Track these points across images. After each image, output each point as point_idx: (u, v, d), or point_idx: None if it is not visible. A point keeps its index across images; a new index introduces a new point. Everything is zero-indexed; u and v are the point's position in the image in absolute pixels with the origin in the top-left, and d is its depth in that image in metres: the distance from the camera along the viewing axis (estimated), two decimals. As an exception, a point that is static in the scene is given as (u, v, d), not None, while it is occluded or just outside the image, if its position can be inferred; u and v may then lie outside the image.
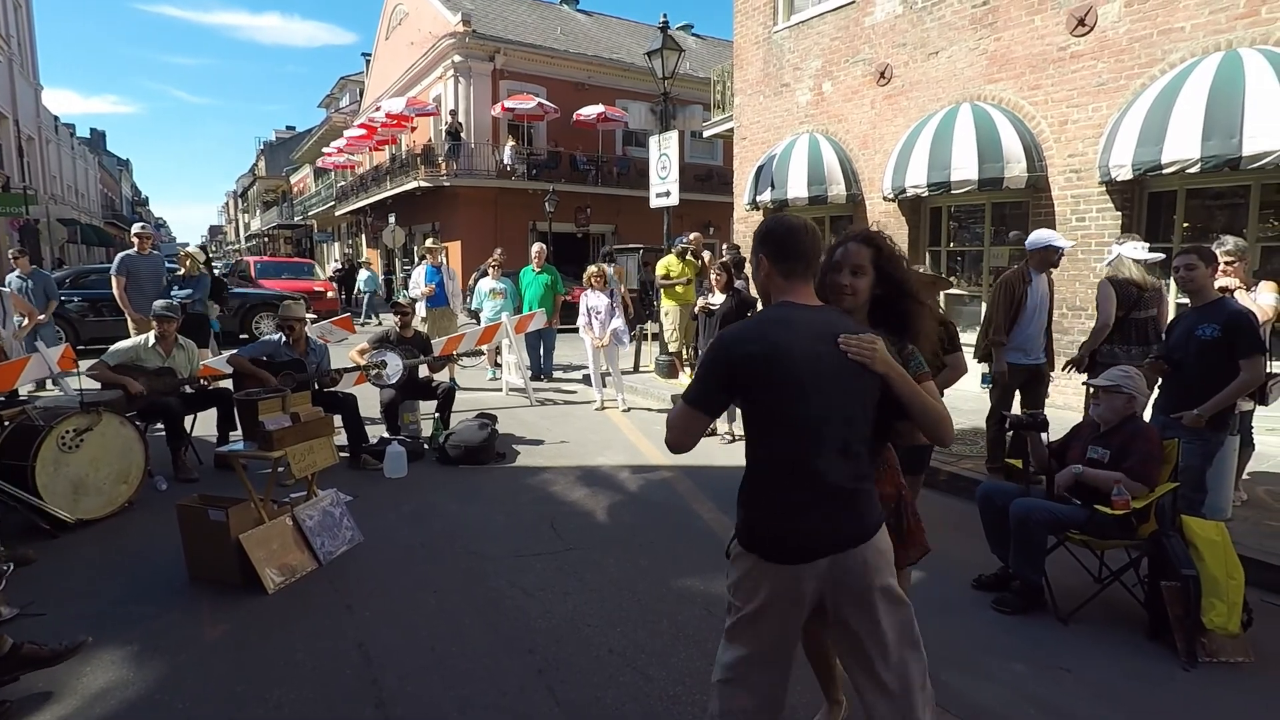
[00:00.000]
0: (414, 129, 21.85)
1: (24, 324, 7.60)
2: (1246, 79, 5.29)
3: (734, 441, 6.18)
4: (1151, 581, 3.14)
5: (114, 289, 7.57)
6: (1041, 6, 6.95)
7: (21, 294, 7.99)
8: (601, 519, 4.55)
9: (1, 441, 4.09)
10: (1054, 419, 3.82)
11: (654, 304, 9.88)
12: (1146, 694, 2.73)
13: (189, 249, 8.85)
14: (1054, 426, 3.64)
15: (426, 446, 5.96)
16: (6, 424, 4.21)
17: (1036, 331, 4.94)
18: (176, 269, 8.01)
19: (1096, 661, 2.92)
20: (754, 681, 1.79)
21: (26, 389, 6.19)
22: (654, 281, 9.32)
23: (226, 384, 5.83)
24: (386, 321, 13.03)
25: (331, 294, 17.75)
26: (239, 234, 63.54)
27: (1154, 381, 3.90)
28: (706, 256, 8.90)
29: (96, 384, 5.10)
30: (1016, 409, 5.01)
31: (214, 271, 9.85)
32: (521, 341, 8.41)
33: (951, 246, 8.45)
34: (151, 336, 5.39)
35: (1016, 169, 6.91)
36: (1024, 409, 4.96)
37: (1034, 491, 3.52)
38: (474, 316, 9.43)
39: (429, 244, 9.55)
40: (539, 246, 9.30)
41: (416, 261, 13.53)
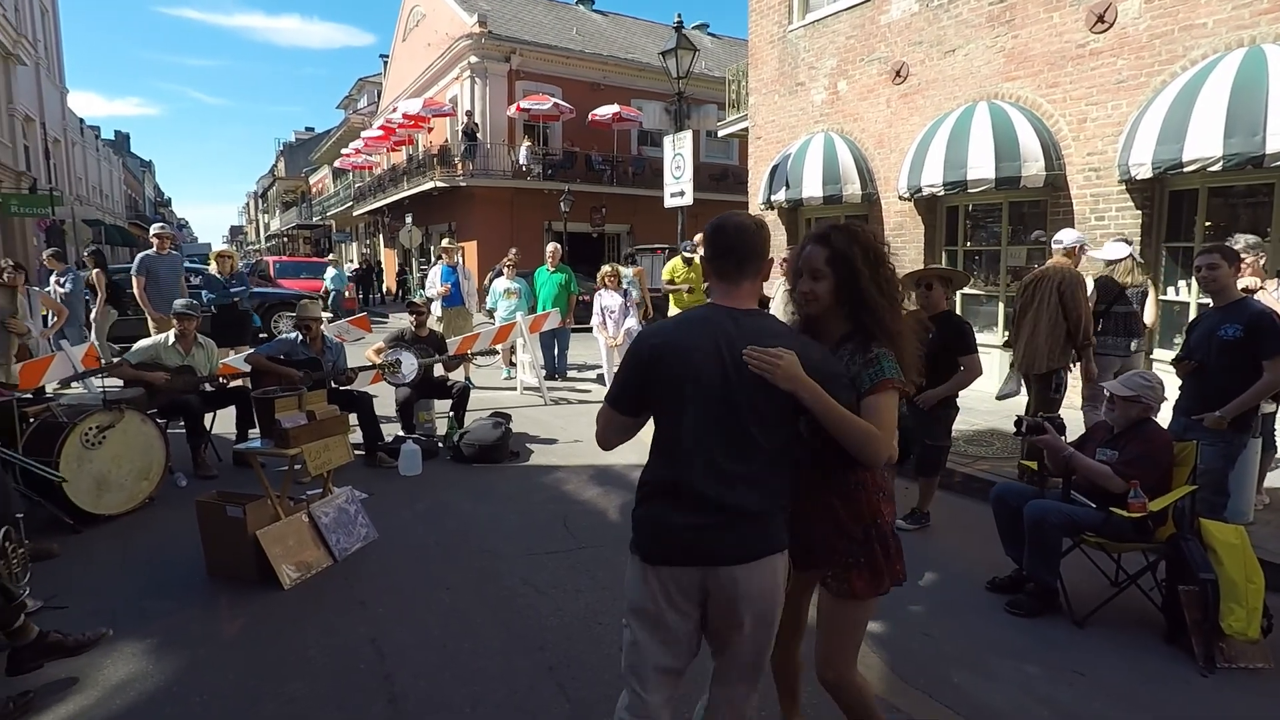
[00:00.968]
0: (431, 130, 22.00)
1: (53, 322, 7.76)
2: (1270, 75, 5.20)
3: None
4: (1169, 585, 3.10)
5: (134, 288, 7.70)
6: (1060, 3, 6.87)
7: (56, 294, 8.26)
8: (614, 518, 4.56)
9: (27, 438, 4.18)
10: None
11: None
12: (1163, 699, 2.69)
13: (224, 248, 9.00)
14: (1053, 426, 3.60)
15: (441, 445, 6.00)
16: (32, 420, 4.29)
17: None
18: (205, 268, 8.13)
19: (1112, 665, 2.89)
20: (645, 675, 1.78)
21: (52, 386, 6.31)
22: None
23: (245, 382, 5.91)
24: (393, 325, 13.10)
25: (349, 294, 17.93)
26: (259, 234, 64.30)
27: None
28: None
29: (119, 382, 5.19)
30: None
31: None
32: (536, 341, 8.45)
33: (968, 246, 8.37)
34: (171, 335, 5.47)
35: (1034, 168, 6.84)
36: (1037, 413, 4.92)
37: (1049, 493, 3.49)
38: (489, 316, 9.49)
39: (445, 244, 9.62)
40: (553, 246, 9.34)
41: (433, 261, 13.62)
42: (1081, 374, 4.95)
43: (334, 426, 4.09)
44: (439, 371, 6.45)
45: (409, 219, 21.46)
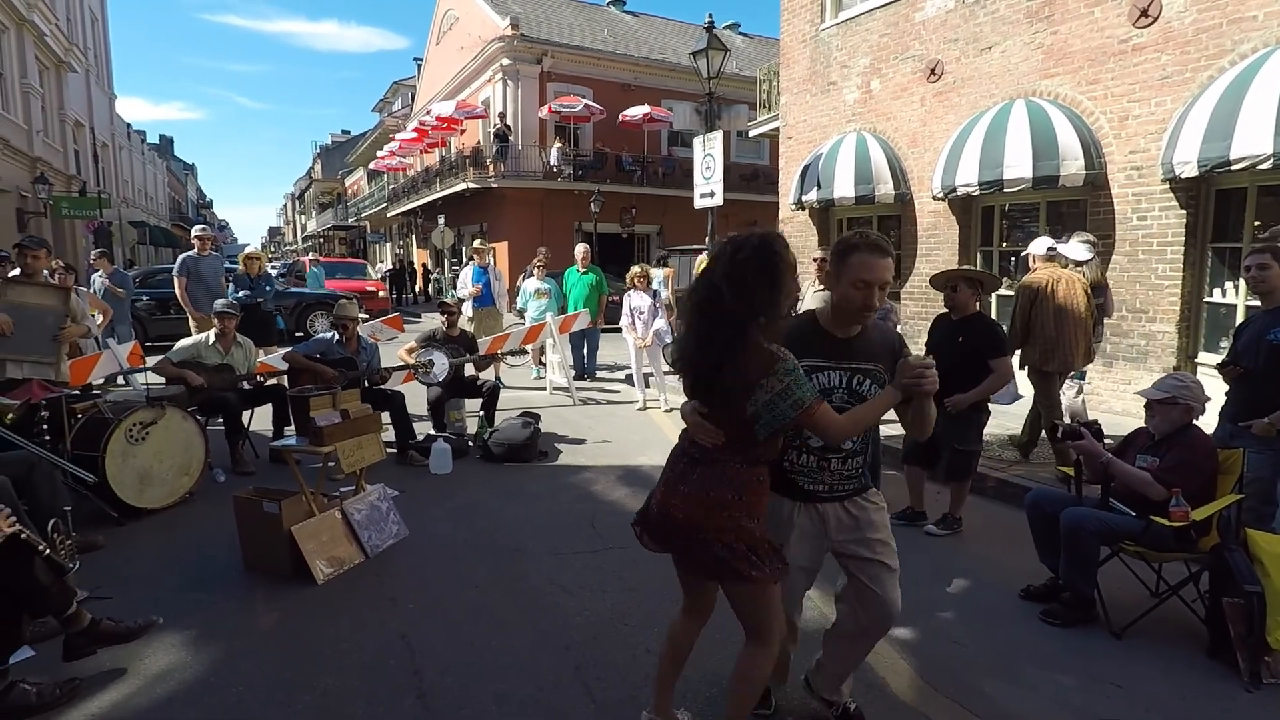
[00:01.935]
0: (463, 131, 22.25)
1: (100, 321, 8.01)
2: (1325, 69, 5.02)
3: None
4: (1212, 597, 3.00)
5: (176, 289, 7.92)
6: (1102, -2, 6.70)
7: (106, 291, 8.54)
8: (641, 519, 4.55)
9: (75, 433, 4.32)
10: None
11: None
12: (1205, 714, 2.61)
13: (251, 250, 9.20)
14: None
15: (471, 444, 6.07)
16: (80, 416, 4.44)
17: None
18: (237, 269, 8.31)
19: (1150, 678, 2.81)
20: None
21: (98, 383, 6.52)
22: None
23: (282, 380, 6.04)
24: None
25: (382, 293, 18.17)
26: (296, 235, 65.63)
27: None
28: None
29: (162, 379, 5.35)
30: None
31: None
32: (566, 341, 8.49)
33: (1004, 247, 8.20)
34: (212, 334, 5.62)
35: (1073, 166, 6.68)
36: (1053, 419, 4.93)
37: (1087, 500, 3.40)
38: (520, 316, 9.57)
39: (476, 244, 9.72)
40: (583, 247, 9.38)
41: (465, 261, 13.75)
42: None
43: (367, 425, 4.16)
44: (470, 371, 6.53)
45: (441, 220, 21.74)
